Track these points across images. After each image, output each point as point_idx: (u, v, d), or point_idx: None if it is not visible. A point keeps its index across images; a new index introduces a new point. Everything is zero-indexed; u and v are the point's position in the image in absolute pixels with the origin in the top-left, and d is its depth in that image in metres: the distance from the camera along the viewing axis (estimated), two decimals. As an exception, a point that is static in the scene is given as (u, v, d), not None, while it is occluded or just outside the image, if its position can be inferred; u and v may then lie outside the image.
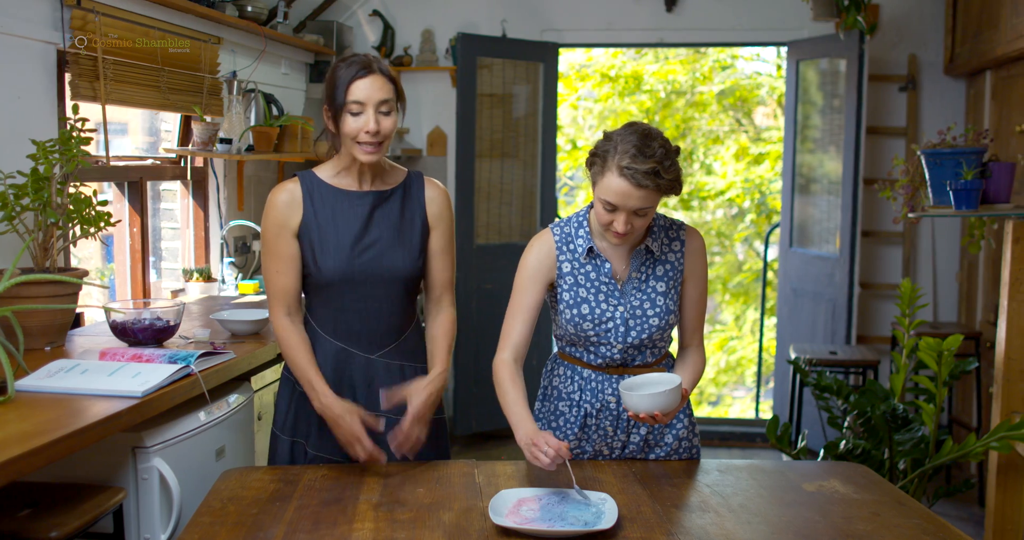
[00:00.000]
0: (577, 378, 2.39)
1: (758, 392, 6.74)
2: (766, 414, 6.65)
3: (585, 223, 2.35)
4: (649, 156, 2.12)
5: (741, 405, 10.18)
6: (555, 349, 2.51)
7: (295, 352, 2.37)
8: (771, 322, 7.38)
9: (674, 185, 2.18)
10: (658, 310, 2.32)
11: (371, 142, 2.30)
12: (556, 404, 2.42)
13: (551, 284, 2.37)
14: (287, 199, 2.38)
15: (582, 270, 2.34)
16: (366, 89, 2.28)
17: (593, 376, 2.37)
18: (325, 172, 2.43)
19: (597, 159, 2.20)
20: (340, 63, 2.34)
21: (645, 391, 2.17)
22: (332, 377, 2.41)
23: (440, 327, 2.49)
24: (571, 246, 2.35)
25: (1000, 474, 3.22)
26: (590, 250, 2.33)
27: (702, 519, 2.02)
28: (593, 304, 2.32)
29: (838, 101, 5.61)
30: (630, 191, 2.13)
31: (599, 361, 2.36)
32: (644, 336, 2.32)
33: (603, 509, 2.00)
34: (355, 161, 2.38)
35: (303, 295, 2.45)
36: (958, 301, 5.60)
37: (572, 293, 2.33)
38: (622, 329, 2.32)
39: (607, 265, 2.33)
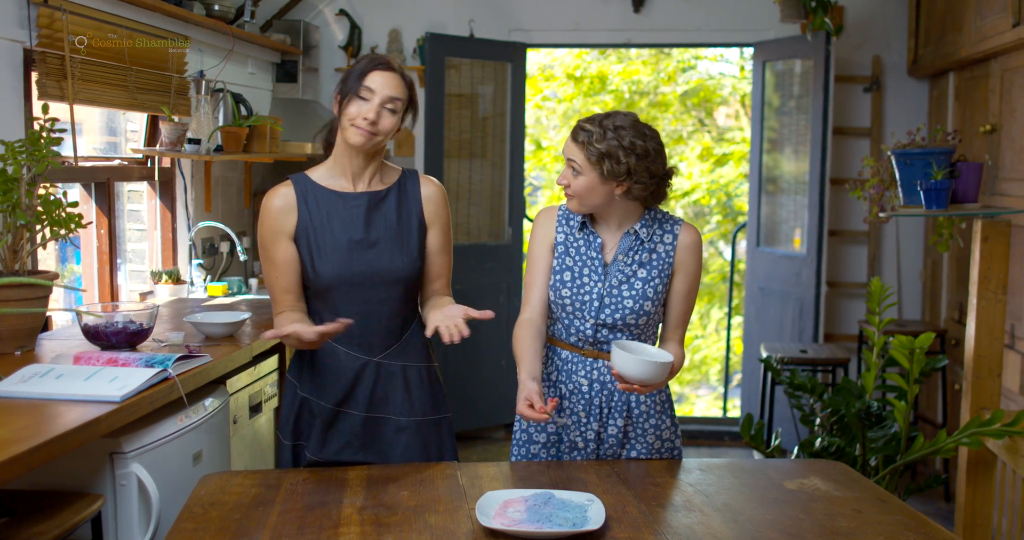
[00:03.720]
0: (555, 359, 2.45)
1: (726, 391, 6.79)
2: (732, 412, 6.70)
3: None
4: (599, 123, 2.29)
5: (705, 403, 10.26)
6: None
7: (289, 317, 2.35)
8: (736, 321, 7.44)
9: (603, 159, 2.27)
10: (634, 293, 2.38)
11: (365, 128, 2.30)
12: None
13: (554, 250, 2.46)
14: (281, 204, 2.37)
15: (574, 243, 2.43)
16: (380, 80, 2.31)
17: (569, 357, 2.43)
18: (318, 174, 2.42)
19: None
20: (364, 57, 2.37)
21: (636, 356, 2.20)
22: (334, 381, 2.40)
23: (435, 298, 2.50)
24: (571, 222, 2.46)
25: (970, 470, 3.26)
26: (584, 224, 2.42)
27: (688, 518, 2.03)
28: (576, 273, 2.40)
29: (793, 102, 5.68)
30: (568, 140, 2.33)
31: (573, 339, 2.42)
32: (616, 315, 2.37)
33: (589, 510, 2.00)
34: (348, 157, 2.38)
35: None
36: (922, 299, 5.68)
37: (560, 261, 2.42)
38: (596, 304, 2.38)
39: (598, 241, 2.41)
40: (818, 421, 3.55)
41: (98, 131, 4.40)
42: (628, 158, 2.28)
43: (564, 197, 2.38)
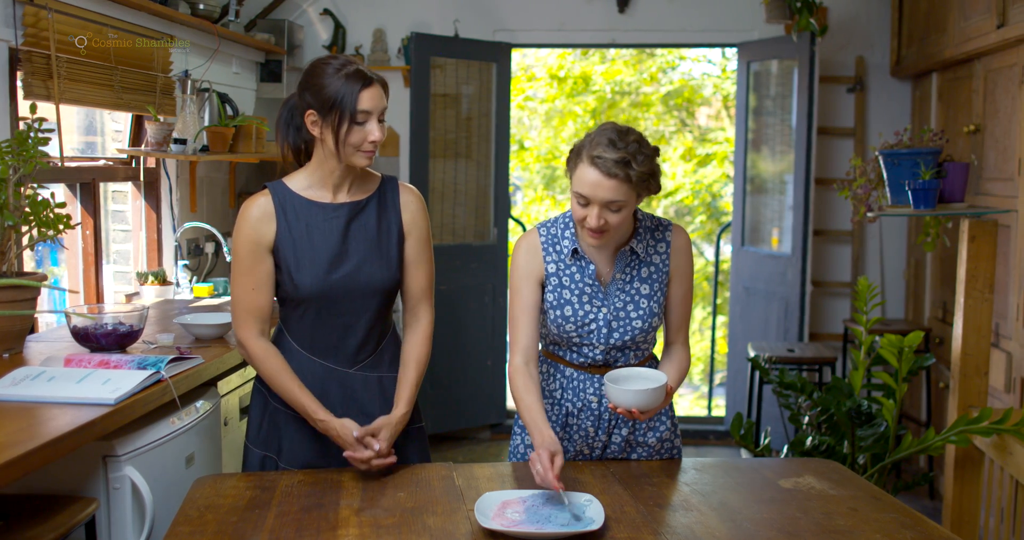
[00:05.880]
0: (559, 376, 2.40)
1: (711, 390, 6.82)
2: (716, 412, 6.72)
3: (571, 224, 2.35)
4: (620, 148, 2.13)
5: (688, 403, 10.29)
6: (539, 348, 2.50)
7: (281, 378, 2.31)
8: (719, 321, 7.46)
9: (647, 181, 2.17)
10: (641, 312, 2.33)
11: (372, 150, 2.28)
12: None
13: (542, 284, 2.36)
14: (259, 214, 2.30)
15: (567, 272, 2.34)
16: (372, 100, 2.24)
17: (575, 375, 2.38)
18: (297, 183, 2.36)
19: (573, 154, 2.22)
20: (328, 68, 2.25)
21: (630, 385, 2.17)
22: (311, 393, 2.37)
23: (413, 350, 2.42)
24: (557, 247, 2.35)
25: (958, 467, 3.29)
26: (575, 251, 2.33)
27: (686, 518, 2.04)
28: (576, 306, 2.32)
29: (770, 102, 5.71)
30: (599, 180, 2.13)
31: (581, 360, 2.37)
32: (627, 337, 2.33)
33: (588, 510, 2.00)
34: (335, 172, 2.33)
35: (278, 309, 2.41)
36: (905, 298, 5.72)
37: (556, 294, 2.33)
38: (604, 330, 2.32)
39: (591, 267, 2.33)
40: (806, 420, 3.56)
41: (76, 131, 4.35)
42: (656, 166, 2.21)
43: (528, 226, 2.32)
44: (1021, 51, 3.87)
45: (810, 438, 3.33)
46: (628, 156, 2.12)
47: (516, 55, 9.57)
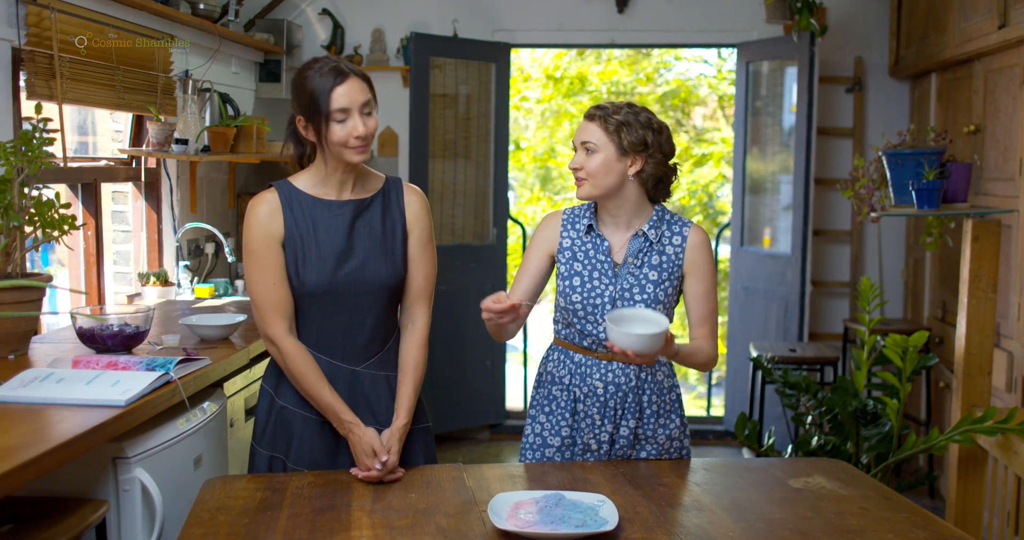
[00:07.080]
0: (568, 362, 2.46)
1: (709, 390, 6.82)
2: (715, 411, 6.73)
3: (594, 206, 2.48)
4: (613, 103, 2.40)
5: (685, 402, 10.30)
6: (553, 337, 2.55)
7: (311, 376, 2.30)
8: (718, 320, 7.45)
9: (621, 129, 2.34)
10: (646, 297, 2.39)
11: (362, 145, 2.27)
12: (550, 389, 2.48)
13: (553, 258, 2.49)
14: (267, 210, 2.32)
15: (582, 247, 2.45)
16: (348, 95, 2.23)
17: (584, 361, 2.44)
18: (302, 182, 2.37)
19: None
20: (308, 72, 2.26)
21: (632, 327, 2.18)
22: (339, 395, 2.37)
23: (410, 355, 2.42)
24: (576, 225, 2.48)
25: (961, 467, 3.30)
26: (590, 227, 2.44)
27: (699, 518, 2.04)
28: (585, 278, 2.41)
29: (760, 102, 5.72)
30: (582, 124, 2.41)
31: (587, 342, 2.42)
32: None
33: (601, 510, 2.00)
34: (336, 170, 2.34)
35: None
36: (904, 298, 5.73)
37: (568, 266, 2.44)
38: (608, 307, 2.38)
39: (606, 243, 2.43)
40: (810, 419, 3.57)
41: (70, 131, 4.34)
42: (645, 131, 2.36)
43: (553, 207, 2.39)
44: (1022, 51, 3.89)
45: (816, 438, 3.34)
46: (611, 107, 2.38)
47: (512, 55, 9.58)
